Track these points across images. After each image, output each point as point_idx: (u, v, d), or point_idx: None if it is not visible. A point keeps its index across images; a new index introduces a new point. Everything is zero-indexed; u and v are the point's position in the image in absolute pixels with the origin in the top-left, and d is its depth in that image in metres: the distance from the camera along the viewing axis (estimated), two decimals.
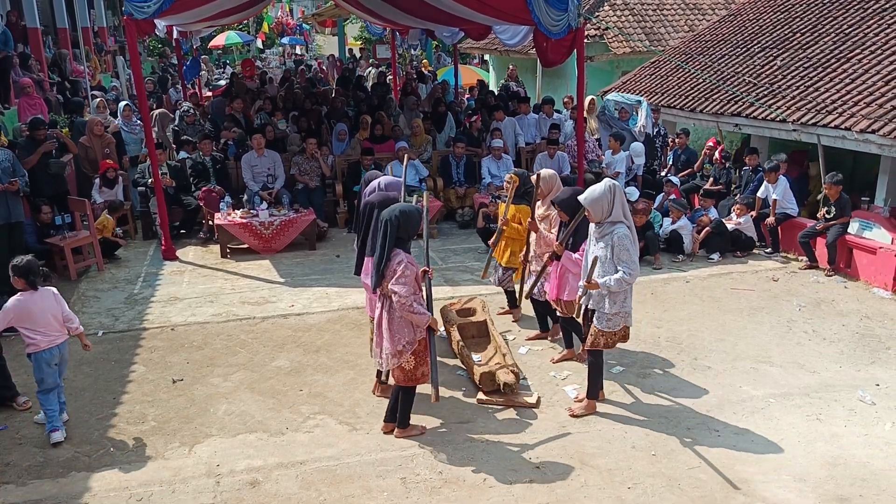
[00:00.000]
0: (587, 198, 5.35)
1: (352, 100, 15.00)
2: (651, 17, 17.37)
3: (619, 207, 5.35)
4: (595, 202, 5.32)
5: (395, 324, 5.14)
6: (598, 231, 5.43)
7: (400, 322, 5.12)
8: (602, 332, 5.53)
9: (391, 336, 5.15)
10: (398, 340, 5.14)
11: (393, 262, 5.03)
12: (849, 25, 11.44)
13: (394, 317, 5.13)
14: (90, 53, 18.65)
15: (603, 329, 5.52)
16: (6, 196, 8.02)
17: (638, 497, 4.80)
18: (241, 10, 13.66)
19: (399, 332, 5.14)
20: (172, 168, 10.67)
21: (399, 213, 5.09)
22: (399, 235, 5.07)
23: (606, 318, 5.49)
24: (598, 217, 5.36)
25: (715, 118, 11.49)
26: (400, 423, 5.49)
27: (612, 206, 5.32)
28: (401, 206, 5.24)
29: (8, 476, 5.11)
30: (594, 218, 5.38)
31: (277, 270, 9.30)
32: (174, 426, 5.71)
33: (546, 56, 10.60)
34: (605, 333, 5.53)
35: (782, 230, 9.69)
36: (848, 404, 5.91)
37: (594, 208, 5.33)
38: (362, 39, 33.19)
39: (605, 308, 5.47)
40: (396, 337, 5.14)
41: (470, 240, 10.20)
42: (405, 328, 5.13)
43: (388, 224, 5.05)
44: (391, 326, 5.14)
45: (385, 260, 5.04)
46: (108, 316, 7.91)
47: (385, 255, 5.04)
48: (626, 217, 5.38)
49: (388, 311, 5.15)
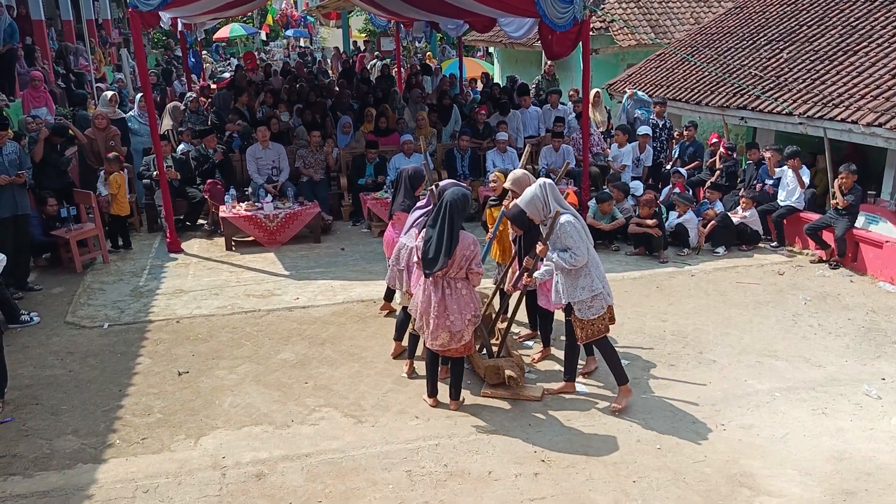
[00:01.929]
0: (522, 201, 5.47)
1: (356, 92, 14.98)
2: (656, 10, 17.29)
3: (553, 202, 5.44)
4: (530, 204, 5.43)
5: (464, 300, 5.41)
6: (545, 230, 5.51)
7: (467, 297, 5.43)
8: (590, 320, 5.56)
9: (460, 311, 5.41)
10: (466, 314, 5.42)
11: (465, 245, 5.29)
12: (856, 18, 11.38)
13: (461, 294, 5.40)
14: (95, 46, 18.64)
15: (589, 318, 5.55)
16: (13, 188, 8.03)
17: (643, 491, 4.80)
18: (246, 3, 13.62)
19: (467, 307, 5.43)
20: (177, 161, 10.67)
21: (462, 195, 5.38)
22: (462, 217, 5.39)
23: (587, 307, 5.53)
24: (540, 216, 5.48)
25: (720, 111, 11.45)
26: (458, 395, 5.78)
27: (547, 202, 5.42)
28: (462, 189, 5.52)
29: (15, 468, 5.13)
30: (537, 219, 5.49)
31: (282, 263, 9.31)
32: (180, 418, 5.73)
33: (551, 49, 10.56)
34: (593, 321, 5.57)
35: (787, 224, 9.66)
36: (854, 398, 5.90)
37: (531, 210, 5.44)
38: (367, 32, 33.12)
39: (578, 296, 5.51)
40: (465, 311, 5.42)
41: (475, 233, 10.11)
42: (472, 302, 5.45)
43: (453, 207, 5.28)
44: (460, 303, 5.40)
45: (454, 241, 5.26)
46: (113, 308, 7.93)
47: (454, 237, 5.26)
48: (564, 206, 5.49)
49: (452, 290, 5.39)
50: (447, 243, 5.26)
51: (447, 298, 5.39)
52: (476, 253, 5.37)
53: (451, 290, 5.40)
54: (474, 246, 5.37)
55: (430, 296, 5.44)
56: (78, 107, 13.12)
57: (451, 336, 5.46)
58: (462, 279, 5.43)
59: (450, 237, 5.27)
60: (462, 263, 5.34)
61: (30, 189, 8.54)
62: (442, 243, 5.27)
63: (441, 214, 5.34)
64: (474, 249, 5.36)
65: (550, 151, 11.02)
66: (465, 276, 5.42)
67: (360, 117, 12.72)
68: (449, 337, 5.46)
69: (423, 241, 5.41)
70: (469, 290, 5.47)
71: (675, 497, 4.73)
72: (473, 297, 5.51)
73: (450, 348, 5.54)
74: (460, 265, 5.35)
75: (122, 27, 24.93)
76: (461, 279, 5.42)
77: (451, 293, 5.40)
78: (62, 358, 6.79)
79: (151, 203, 10.65)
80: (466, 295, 5.45)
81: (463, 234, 5.35)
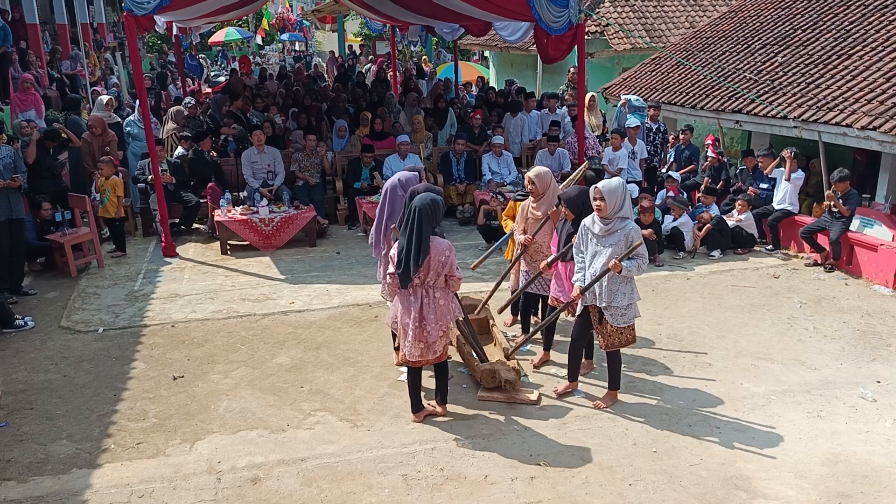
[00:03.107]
0: (605, 188, 5.35)
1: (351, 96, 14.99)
2: (652, 14, 17.34)
3: (629, 204, 5.44)
4: (611, 193, 5.34)
5: (441, 310, 5.27)
6: (604, 227, 5.41)
7: (444, 306, 5.29)
8: (620, 328, 5.56)
9: (437, 321, 5.26)
10: (441, 325, 5.30)
11: (440, 251, 5.13)
12: (850, 22, 11.41)
13: (438, 304, 5.26)
14: (89, 50, 18.61)
15: (620, 326, 5.55)
16: (7, 192, 8.02)
17: (639, 494, 4.80)
18: (241, 7, 13.60)
19: (443, 317, 5.30)
20: (172, 165, 10.65)
21: (431, 201, 5.15)
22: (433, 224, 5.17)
23: (621, 314, 5.53)
24: (610, 210, 5.35)
25: (716, 115, 11.47)
26: (445, 400, 5.71)
27: (624, 201, 5.38)
28: (431, 194, 5.26)
29: (9, 473, 5.11)
30: (605, 211, 5.36)
31: (278, 267, 9.29)
32: (175, 423, 5.71)
33: (546, 52, 10.58)
34: (622, 330, 5.57)
35: (783, 227, 9.69)
36: (849, 401, 5.91)
37: (610, 199, 5.33)
38: (362, 36, 33.15)
39: (617, 301, 5.48)
40: (441, 322, 5.29)
41: (470, 237, 10.19)
42: (448, 313, 5.33)
43: (422, 213, 5.08)
44: (437, 313, 5.26)
45: (423, 250, 5.08)
46: (108, 313, 7.90)
47: (423, 245, 5.08)
48: (631, 214, 5.47)
49: (430, 299, 5.24)
50: (415, 251, 5.07)
51: (424, 308, 5.22)
52: (452, 259, 5.19)
53: (428, 298, 5.23)
54: (450, 252, 5.20)
55: (409, 306, 5.27)
56: (71, 111, 13.08)
57: (427, 347, 5.32)
58: (440, 287, 5.27)
59: (418, 245, 5.07)
60: (439, 270, 5.17)
61: (24, 193, 8.52)
62: (410, 251, 5.07)
63: (409, 221, 5.13)
64: (450, 255, 5.18)
65: (546, 155, 11.04)
66: (444, 284, 5.28)
67: (355, 121, 12.72)
68: (425, 348, 5.32)
69: (395, 251, 5.24)
70: (447, 299, 5.31)
71: (672, 500, 4.73)
72: (451, 307, 5.35)
73: (426, 359, 5.40)
74: (437, 272, 5.18)
75: (116, 31, 24.89)
76: (440, 287, 5.27)
77: (428, 302, 5.23)
78: (57, 362, 6.77)
79: (147, 207, 10.63)
80: (444, 305, 5.28)
81: (437, 241, 5.16)
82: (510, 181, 11.09)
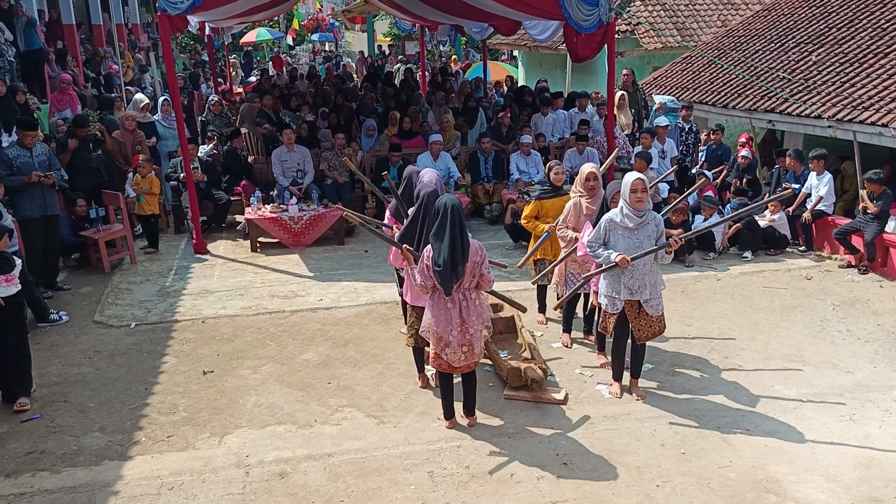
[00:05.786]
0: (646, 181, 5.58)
1: (380, 96, 15.04)
2: (683, 13, 17.15)
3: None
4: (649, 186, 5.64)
5: (478, 309, 5.26)
6: (639, 221, 5.52)
7: (480, 305, 5.29)
8: (658, 317, 5.72)
9: (479, 320, 5.25)
10: (486, 318, 5.31)
11: (474, 251, 5.12)
12: (886, 20, 11.20)
13: (475, 304, 5.25)
14: (124, 50, 18.90)
15: (661, 315, 5.73)
16: (42, 189, 8.16)
17: (667, 495, 4.76)
18: (273, 7, 13.72)
19: (481, 315, 5.28)
20: (204, 163, 10.78)
21: (456, 199, 5.11)
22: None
23: (658, 301, 5.72)
24: (647, 203, 5.57)
25: (748, 114, 11.33)
26: (472, 411, 5.61)
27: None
28: (451, 195, 5.22)
29: (43, 463, 5.21)
30: (644, 202, 5.51)
31: (306, 265, 9.36)
32: (204, 417, 5.78)
33: (576, 51, 10.52)
34: (661, 317, 5.75)
35: (816, 228, 9.53)
36: (883, 405, 5.80)
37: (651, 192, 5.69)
38: (391, 36, 33.26)
39: (658, 291, 5.69)
40: (485, 315, 5.31)
41: (498, 236, 10.18)
42: (485, 311, 5.33)
43: (458, 210, 5.01)
44: (477, 313, 5.24)
45: (466, 249, 5.04)
46: (140, 308, 8.02)
47: (465, 244, 5.04)
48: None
49: (468, 301, 5.22)
50: (460, 251, 4.98)
51: (464, 312, 5.17)
52: (485, 258, 5.19)
53: (466, 301, 5.19)
54: (482, 251, 5.18)
55: (448, 312, 5.16)
56: (106, 111, 13.29)
57: (470, 349, 5.23)
58: (474, 288, 5.25)
59: (462, 244, 4.99)
60: (474, 271, 5.14)
61: (60, 190, 8.68)
62: (455, 251, 4.96)
63: (447, 221, 4.97)
64: (482, 254, 5.17)
65: (575, 154, 10.97)
66: (476, 285, 5.24)
67: (384, 120, 12.76)
68: (468, 351, 5.23)
69: (430, 259, 5.05)
70: (480, 298, 5.31)
71: (700, 502, 4.68)
72: (484, 304, 5.36)
73: (469, 363, 5.30)
74: (473, 273, 5.14)
75: (150, 31, 25.25)
76: (473, 288, 5.24)
77: (467, 306, 5.18)
78: (90, 356, 6.89)
79: (178, 205, 10.77)
80: (480, 304, 5.28)
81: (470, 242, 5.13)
82: (538, 180, 11.05)
